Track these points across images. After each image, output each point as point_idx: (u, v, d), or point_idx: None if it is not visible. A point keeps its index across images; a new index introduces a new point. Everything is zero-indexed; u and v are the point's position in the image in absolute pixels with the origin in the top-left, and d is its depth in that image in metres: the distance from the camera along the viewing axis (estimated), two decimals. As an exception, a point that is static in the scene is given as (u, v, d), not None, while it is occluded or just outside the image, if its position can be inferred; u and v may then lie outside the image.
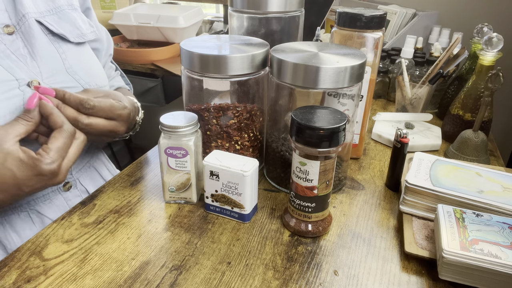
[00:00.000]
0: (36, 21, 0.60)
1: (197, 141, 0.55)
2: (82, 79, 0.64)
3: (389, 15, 1.28)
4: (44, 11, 0.62)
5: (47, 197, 0.63)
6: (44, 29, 0.61)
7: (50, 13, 0.63)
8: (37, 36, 0.59)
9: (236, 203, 0.54)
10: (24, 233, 0.60)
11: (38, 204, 0.62)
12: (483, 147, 0.71)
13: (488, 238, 0.44)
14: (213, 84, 0.60)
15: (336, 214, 0.58)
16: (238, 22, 0.70)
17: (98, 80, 0.68)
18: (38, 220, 0.62)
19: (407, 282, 0.46)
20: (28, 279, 0.45)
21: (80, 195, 0.68)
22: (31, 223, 0.61)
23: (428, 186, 0.53)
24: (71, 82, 0.62)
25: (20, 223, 0.61)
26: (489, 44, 0.71)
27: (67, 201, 0.66)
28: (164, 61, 1.57)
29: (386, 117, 0.85)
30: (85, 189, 0.69)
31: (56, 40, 0.62)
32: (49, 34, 0.62)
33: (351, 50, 0.58)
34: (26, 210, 0.61)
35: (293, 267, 0.48)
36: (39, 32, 0.60)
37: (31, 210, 0.61)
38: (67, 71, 0.62)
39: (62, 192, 0.65)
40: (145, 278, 0.45)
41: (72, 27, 0.65)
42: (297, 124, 0.46)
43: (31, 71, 0.58)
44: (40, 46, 0.60)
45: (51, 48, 0.61)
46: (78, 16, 0.68)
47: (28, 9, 0.59)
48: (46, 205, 0.63)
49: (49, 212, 0.63)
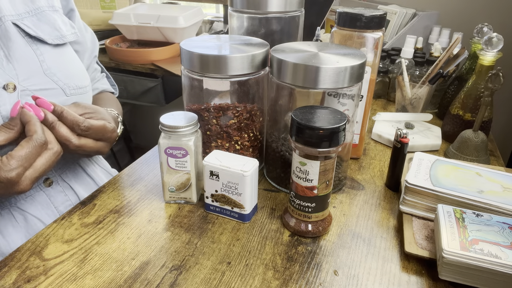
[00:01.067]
0: (12, 23, 0.59)
1: (197, 141, 0.55)
2: (61, 81, 0.63)
3: (389, 15, 1.28)
4: (22, 13, 0.61)
5: (29, 194, 0.63)
6: (21, 32, 0.60)
7: (29, 15, 0.62)
8: (13, 38, 0.59)
9: (236, 203, 0.54)
10: (6, 231, 0.60)
11: (19, 201, 0.62)
12: (483, 147, 0.71)
13: (488, 238, 0.44)
14: (213, 84, 0.60)
15: (336, 214, 0.58)
16: (238, 22, 0.70)
17: (78, 81, 0.67)
18: (21, 217, 0.62)
19: (407, 282, 0.46)
20: (28, 279, 0.45)
21: (63, 191, 0.67)
22: (14, 220, 0.61)
23: (428, 186, 0.53)
24: (49, 84, 0.62)
25: (3, 221, 0.60)
26: (489, 44, 0.71)
27: (49, 198, 0.65)
28: (164, 61, 1.57)
29: (386, 117, 0.85)
30: (68, 186, 0.68)
31: (34, 42, 0.62)
32: (26, 36, 0.61)
33: (351, 50, 0.58)
34: (7, 207, 0.61)
35: (293, 267, 0.48)
36: (15, 35, 0.59)
37: (13, 207, 0.61)
38: (44, 73, 0.61)
39: (43, 188, 0.65)
40: (145, 278, 0.45)
41: (51, 28, 0.64)
42: (297, 124, 0.46)
43: (7, 74, 0.57)
44: (16, 49, 0.59)
45: (28, 50, 0.60)
46: (59, 18, 0.67)
47: (4, 11, 0.58)
48: (28, 202, 0.62)
49: (32, 209, 0.62)
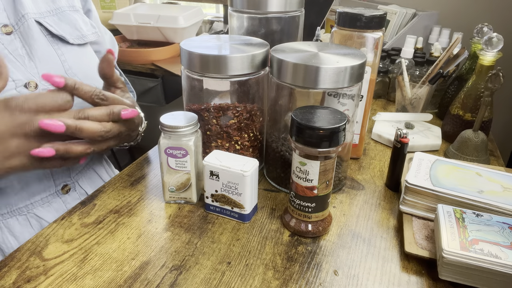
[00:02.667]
0: (35, 21, 0.59)
1: (197, 141, 0.55)
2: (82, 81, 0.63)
3: (389, 15, 1.28)
4: (44, 11, 0.61)
5: (46, 200, 0.63)
6: (43, 30, 0.60)
7: (51, 14, 0.62)
8: (36, 37, 0.59)
9: (236, 203, 0.54)
10: (22, 236, 0.60)
11: (36, 207, 0.62)
12: (483, 147, 0.71)
13: (488, 238, 0.44)
14: (213, 84, 0.60)
15: (336, 214, 0.58)
16: (238, 22, 0.70)
17: (98, 82, 0.67)
18: (36, 224, 0.62)
19: (407, 282, 0.46)
20: (28, 279, 0.45)
21: (79, 198, 0.67)
22: (30, 226, 0.61)
23: (428, 186, 0.53)
24: None
25: (19, 227, 0.60)
26: (489, 44, 0.71)
27: (66, 204, 0.65)
28: (164, 61, 1.57)
29: (386, 117, 0.85)
30: (84, 192, 0.69)
31: (55, 41, 0.62)
32: (48, 35, 0.61)
33: (351, 50, 0.58)
34: (25, 213, 0.61)
35: (293, 267, 0.48)
36: (38, 33, 0.59)
37: (30, 214, 0.61)
38: (66, 73, 0.62)
39: (60, 195, 0.65)
40: (145, 278, 0.45)
41: (72, 28, 0.65)
42: (297, 124, 0.46)
43: (29, 72, 0.57)
44: (38, 47, 0.59)
45: (49, 50, 0.61)
46: (80, 18, 0.67)
47: (28, 9, 0.58)
48: (45, 208, 0.63)
49: (47, 216, 0.63)
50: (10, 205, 0.60)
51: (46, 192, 0.63)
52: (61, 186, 0.65)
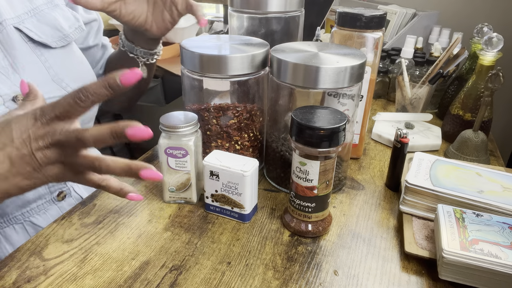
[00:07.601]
0: (14, 28, 0.56)
1: (197, 141, 0.55)
2: (69, 86, 0.62)
3: (389, 15, 1.28)
4: (21, 14, 0.58)
5: (42, 208, 0.63)
6: (23, 37, 0.57)
7: (29, 15, 0.59)
8: (17, 45, 0.56)
9: (236, 203, 0.54)
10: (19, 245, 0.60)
11: (32, 215, 0.62)
12: (483, 147, 0.71)
13: (488, 238, 0.44)
14: (213, 84, 0.60)
15: (336, 214, 0.58)
16: (238, 22, 0.70)
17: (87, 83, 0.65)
18: (33, 231, 0.62)
19: (407, 282, 0.46)
20: (28, 279, 0.45)
21: (75, 203, 0.66)
22: (27, 234, 0.61)
23: (428, 186, 0.53)
24: (58, 91, 0.60)
25: (15, 235, 0.60)
26: (489, 44, 0.71)
27: (62, 211, 0.65)
28: (164, 61, 1.56)
29: (386, 117, 0.85)
30: (79, 197, 0.68)
31: (37, 47, 0.59)
32: (29, 42, 0.58)
33: (351, 50, 0.58)
34: (21, 222, 0.61)
35: (293, 267, 0.48)
36: (19, 41, 0.56)
37: (26, 222, 0.61)
38: (52, 80, 0.59)
39: (56, 202, 0.65)
40: (145, 278, 0.45)
41: (53, 29, 0.61)
42: (297, 124, 0.46)
43: (14, 85, 0.54)
44: (21, 56, 0.56)
45: (33, 57, 0.58)
46: (59, 14, 0.63)
47: (5, 15, 0.55)
48: (41, 216, 0.63)
49: (44, 223, 0.63)
50: (6, 214, 0.59)
51: (42, 199, 0.63)
52: (56, 193, 0.64)
